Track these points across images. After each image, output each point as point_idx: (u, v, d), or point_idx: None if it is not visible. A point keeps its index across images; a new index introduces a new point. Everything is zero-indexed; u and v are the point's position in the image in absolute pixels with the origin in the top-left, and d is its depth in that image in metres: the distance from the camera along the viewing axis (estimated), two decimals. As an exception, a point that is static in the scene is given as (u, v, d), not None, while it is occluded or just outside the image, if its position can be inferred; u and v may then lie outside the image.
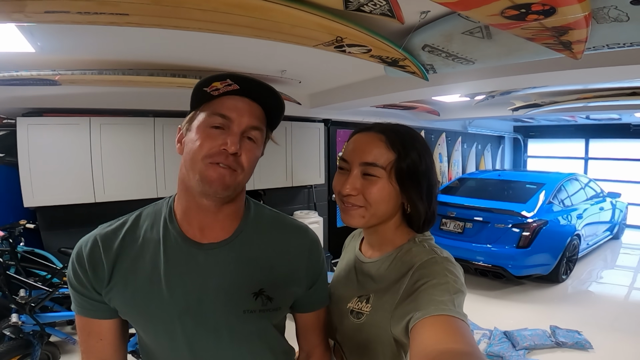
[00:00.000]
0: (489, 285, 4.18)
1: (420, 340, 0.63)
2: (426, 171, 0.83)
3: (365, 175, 0.82)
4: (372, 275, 0.86)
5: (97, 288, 0.77)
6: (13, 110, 3.13)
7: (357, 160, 0.82)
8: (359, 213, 0.83)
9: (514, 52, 2.07)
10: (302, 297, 0.87)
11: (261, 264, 0.82)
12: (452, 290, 0.70)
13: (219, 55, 2.40)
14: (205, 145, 0.72)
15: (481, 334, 3.03)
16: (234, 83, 0.72)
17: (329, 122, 4.70)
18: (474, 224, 4.19)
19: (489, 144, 8.47)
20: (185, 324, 0.76)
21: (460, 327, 0.63)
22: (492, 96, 3.85)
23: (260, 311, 0.79)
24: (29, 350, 2.21)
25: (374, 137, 0.83)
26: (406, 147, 0.82)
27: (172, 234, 0.79)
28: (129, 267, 0.77)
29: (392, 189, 0.82)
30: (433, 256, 0.78)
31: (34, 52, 2.11)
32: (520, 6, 1.33)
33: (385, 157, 0.81)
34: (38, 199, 3.04)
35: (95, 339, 0.80)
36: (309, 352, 0.95)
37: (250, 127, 0.75)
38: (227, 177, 0.73)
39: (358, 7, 1.40)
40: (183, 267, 0.77)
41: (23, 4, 1.22)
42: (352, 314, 0.83)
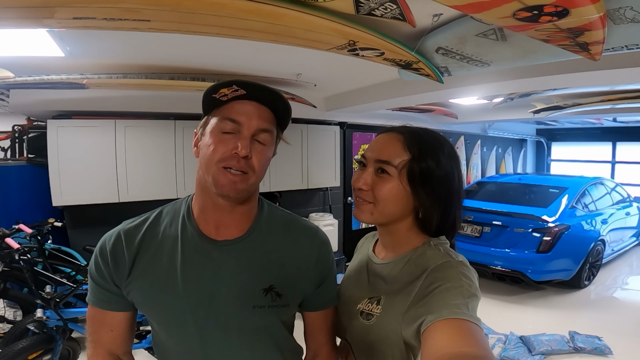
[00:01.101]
0: (507, 290, 4.11)
1: (432, 343, 0.63)
2: (444, 177, 0.82)
3: (379, 172, 0.83)
4: (384, 277, 0.85)
5: (116, 281, 0.82)
6: (43, 113, 3.30)
7: (374, 157, 0.85)
8: (367, 208, 0.84)
9: (530, 53, 2.05)
10: (310, 295, 0.90)
11: (272, 261, 0.85)
12: (466, 295, 0.69)
13: (236, 59, 2.47)
14: (218, 150, 0.76)
15: (496, 338, 2.98)
16: (240, 89, 0.76)
17: (345, 125, 4.72)
18: (492, 228, 4.12)
19: (510, 147, 8.30)
20: (197, 317, 0.80)
21: (474, 330, 0.63)
22: (511, 98, 3.80)
23: (269, 307, 0.83)
24: (51, 345, 2.26)
25: (393, 137, 0.85)
26: (423, 150, 0.82)
27: (190, 230, 0.84)
28: (148, 261, 0.82)
29: (402, 190, 0.82)
30: (448, 260, 0.77)
31: (64, 56, 2.23)
32: (532, 8, 1.33)
33: (399, 156, 0.82)
34: (66, 199, 3.18)
35: (106, 330, 0.85)
36: (316, 351, 0.96)
37: (260, 129, 0.78)
38: (238, 183, 0.77)
39: (369, 11, 1.43)
40: (198, 262, 0.81)
41: (53, 10, 1.30)
42: (362, 315, 0.83)
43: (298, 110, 3.93)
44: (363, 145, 5.09)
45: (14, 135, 3.84)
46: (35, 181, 3.37)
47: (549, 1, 1.27)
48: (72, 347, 2.45)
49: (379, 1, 1.34)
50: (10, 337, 2.35)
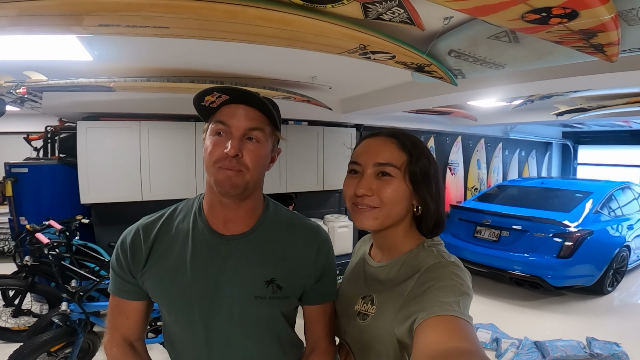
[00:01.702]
0: (525, 295, 4.03)
1: (423, 339, 0.64)
2: (435, 174, 0.87)
3: (380, 175, 0.84)
4: (381, 280, 0.87)
5: (133, 272, 0.90)
6: (74, 115, 3.47)
7: (371, 161, 0.85)
8: (372, 214, 0.84)
9: (545, 55, 2.03)
10: (310, 289, 0.95)
11: (274, 256, 0.91)
12: (457, 293, 0.70)
13: (252, 62, 2.54)
14: (213, 152, 0.83)
15: (509, 343, 2.93)
16: (222, 94, 0.82)
17: (361, 127, 4.74)
18: (511, 232, 4.05)
19: (534, 150, 8.10)
20: (203, 306, 0.86)
21: (464, 327, 0.64)
22: (531, 100, 3.73)
23: (270, 298, 0.88)
24: (73, 337, 2.34)
25: (385, 140, 0.87)
26: (416, 150, 0.85)
27: (200, 225, 0.91)
28: (161, 253, 0.89)
29: (406, 189, 0.84)
30: (440, 260, 0.79)
31: (92, 60, 2.36)
32: (541, 10, 1.33)
33: (399, 157, 0.84)
34: (93, 196, 3.35)
35: (123, 317, 0.93)
36: (314, 344, 0.99)
37: (249, 128, 0.83)
38: (233, 178, 0.82)
39: (377, 16, 1.46)
40: (206, 255, 0.88)
41: (81, 18, 1.40)
42: (359, 316, 0.85)
43: (314, 112, 3.99)
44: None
45: (47, 136, 4.03)
46: (66, 180, 3.52)
47: (556, 3, 1.27)
48: (92, 341, 2.53)
49: (386, 6, 1.37)
50: (35, 329, 2.44)
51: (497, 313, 3.61)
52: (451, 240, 4.51)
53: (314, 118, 4.16)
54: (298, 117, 4.09)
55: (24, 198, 3.53)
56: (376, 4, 1.36)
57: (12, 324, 2.96)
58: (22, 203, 3.54)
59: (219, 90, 0.81)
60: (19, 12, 1.29)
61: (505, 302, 3.91)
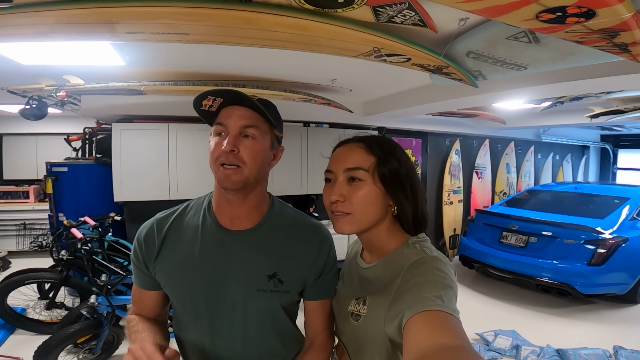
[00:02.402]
0: (552, 303, 3.90)
1: (410, 336, 0.65)
2: (407, 174, 0.88)
3: (351, 180, 0.87)
4: (371, 280, 0.89)
5: (147, 264, 0.97)
6: (109, 117, 3.68)
7: (341, 167, 0.88)
8: (347, 220, 0.87)
9: (568, 55, 1.97)
10: (310, 285, 0.99)
11: (277, 252, 0.96)
12: (440, 287, 0.71)
13: (273, 66, 2.61)
14: (214, 151, 0.89)
15: (530, 350, 2.84)
16: (217, 97, 0.88)
17: (384, 129, 4.71)
18: (540, 238, 3.91)
19: (570, 154, 7.75)
20: (208, 296, 0.92)
21: (450, 321, 0.65)
22: (561, 102, 3.59)
23: (271, 291, 0.93)
24: (99, 330, 2.46)
25: (353, 146, 0.90)
26: (385, 152, 0.87)
27: (209, 221, 0.97)
28: (172, 246, 0.96)
29: (377, 191, 0.86)
30: (422, 256, 0.81)
31: (124, 65, 2.51)
32: (555, 9, 1.31)
33: (367, 160, 0.86)
34: (125, 195, 3.54)
35: (141, 304, 1.03)
36: (313, 338, 1.03)
37: (243, 126, 0.89)
38: (231, 174, 0.87)
39: (389, 19, 1.48)
40: (213, 249, 0.94)
41: (111, 26, 1.51)
42: (352, 317, 0.87)
43: (335, 115, 4.01)
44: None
45: (85, 137, 4.27)
46: (101, 179, 3.72)
47: (571, 2, 1.25)
48: (117, 333, 2.63)
49: (396, 9, 1.39)
50: (66, 322, 2.53)
51: (519, 320, 3.51)
52: (475, 245, 4.41)
53: (335, 120, 4.19)
54: (319, 119, 4.13)
55: (62, 195, 3.75)
56: (386, 7, 1.38)
57: (45, 316, 3.10)
58: (61, 200, 3.76)
59: (212, 93, 0.87)
60: (56, 19, 1.40)
61: (529, 309, 3.80)
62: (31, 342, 2.57)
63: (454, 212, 5.64)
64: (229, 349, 0.94)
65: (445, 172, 5.47)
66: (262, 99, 0.94)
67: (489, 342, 3.00)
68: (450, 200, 5.55)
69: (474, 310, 3.77)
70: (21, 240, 5.26)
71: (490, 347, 2.94)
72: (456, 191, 5.65)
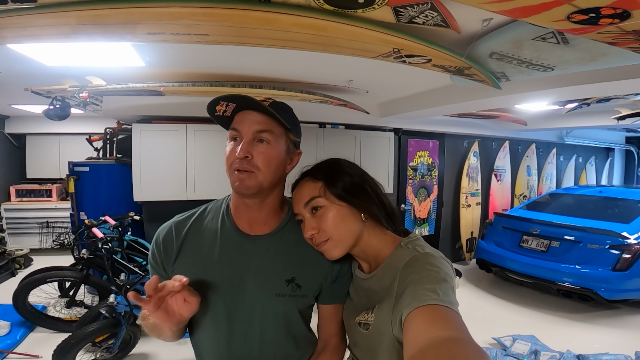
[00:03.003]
0: (572, 308, 3.80)
1: (408, 333, 0.65)
2: (362, 181, 0.93)
3: (314, 211, 0.90)
4: (374, 289, 0.90)
5: (165, 266, 0.96)
6: (130, 117, 3.74)
7: (301, 205, 0.92)
8: (330, 245, 0.90)
9: (599, 57, 1.90)
10: (325, 289, 0.99)
11: (295, 256, 0.96)
12: (433, 281, 0.72)
13: (290, 67, 2.60)
14: (229, 156, 0.89)
15: (549, 355, 2.76)
16: (229, 102, 0.88)
17: (400, 131, 4.65)
18: (562, 242, 3.80)
19: (593, 156, 7.51)
20: (227, 299, 0.92)
21: (447, 314, 0.65)
22: (587, 104, 3.47)
23: (289, 296, 0.93)
24: (117, 329, 2.49)
25: (301, 183, 0.95)
26: (328, 172, 0.92)
27: (227, 225, 0.97)
28: (191, 249, 0.95)
29: (340, 209, 0.89)
30: (414, 254, 0.83)
31: (144, 66, 2.54)
32: (588, 10, 1.25)
33: (315, 187, 0.91)
34: (145, 195, 3.58)
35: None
36: (326, 341, 1.04)
37: (257, 131, 0.88)
38: (245, 180, 0.87)
39: (410, 20, 1.45)
40: (232, 253, 0.94)
41: (132, 27, 1.53)
42: (361, 326, 0.88)
43: (351, 116, 3.98)
44: (419, 152, 4.97)
45: (106, 137, 4.35)
46: (122, 178, 3.77)
47: (606, 3, 1.19)
48: (134, 333, 2.67)
49: (418, 9, 1.36)
50: (85, 320, 2.57)
51: (539, 325, 3.43)
52: (494, 249, 4.33)
53: (351, 122, 4.17)
54: (335, 120, 4.11)
55: (84, 194, 3.83)
56: (408, 8, 1.34)
57: (64, 314, 3.16)
58: (82, 199, 3.83)
59: (225, 99, 0.87)
60: (79, 20, 1.42)
61: (549, 314, 3.71)
62: (50, 341, 2.62)
63: (472, 215, 5.53)
64: (245, 352, 0.94)
65: (463, 174, 5.37)
66: (277, 102, 0.94)
67: (506, 347, 2.94)
68: (467, 202, 5.45)
69: (491, 314, 3.70)
70: (44, 238, 5.41)
71: (508, 352, 2.88)
72: (474, 194, 5.54)
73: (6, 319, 2.99)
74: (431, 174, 5.12)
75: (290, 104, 1.01)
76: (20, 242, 5.21)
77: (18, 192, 5.42)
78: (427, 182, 5.09)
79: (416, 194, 4.97)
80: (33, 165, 5.79)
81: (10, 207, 5.29)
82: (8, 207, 5.28)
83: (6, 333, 2.89)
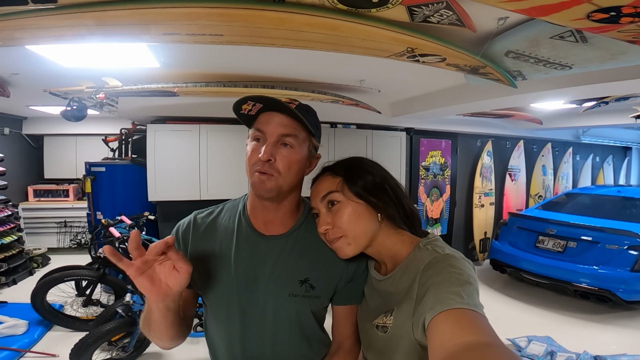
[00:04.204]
0: (589, 308, 3.73)
1: (434, 338, 0.63)
2: (382, 180, 0.91)
3: (330, 206, 0.90)
4: (391, 291, 0.88)
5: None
6: (145, 118, 3.79)
7: (317, 199, 0.92)
8: (343, 243, 0.89)
9: (619, 55, 1.86)
10: (340, 290, 0.98)
11: (309, 257, 0.95)
12: (457, 284, 0.70)
13: (302, 67, 2.61)
14: (251, 157, 0.89)
15: (565, 356, 2.71)
16: (256, 102, 0.87)
17: (412, 130, 4.61)
18: (579, 243, 3.73)
19: (611, 155, 7.36)
20: (241, 298, 0.92)
21: (474, 317, 0.63)
22: (605, 102, 3.40)
23: (303, 296, 0.93)
24: (132, 328, 2.51)
25: (321, 177, 0.95)
26: (349, 169, 0.91)
27: (244, 224, 0.97)
28: (208, 247, 0.96)
29: (357, 207, 0.88)
30: (435, 256, 0.80)
31: (159, 66, 2.57)
32: (609, 9, 1.22)
33: (334, 182, 0.90)
34: (159, 194, 3.62)
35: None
36: (340, 342, 1.02)
37: (282, 134, 0.87)
38: (266, 182, 0.87)
39: (424, 19, 1.43)
40: (247, 252, 0.94)
41: (148, 27, 1.55)
42: (378, 329, 0.86)
43: (362, 115, 3.97)
44: (431, 151, 4.92)
45: (121, 138, 4.41)
46: (137, 178, 3.81)
47: (626, 2, 1.16)
48: None
49: (433, 8, 1.34)
50: (101, 319, 2.59)
51: (555, 326, 3.38)
52: (508, 250, 4.27)
53: (363, 121, 4.15)
54: (347, 120, 4.10)
55: (100, 194, 3.90)
56: (422, 7, 1.33)
57: (81, 313, 3.20)
58: (99, 199, 3.90)
59: (253, 99, 0.87)
60: (96, 21, 1.44)
61: (565, 315, 3.65)
62: (67, 339, 2.65)
63: (485, 215, 5.46)
64: (258, 352, 0.95)
65: (476, 174, 5.30)
66: (303, 105, 0.93)
67: (521, 348, 2.90)
68: (481, 202, 5.38)
69: (506, 315, 3.65)
70: (61, 237, 5.52)
71: (523, 352, 2.84)
72: (487, 193, 5.47)
73: (24, 318, 3.03)
74: (443, 173, 5.08)
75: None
76: (38, 242, 5.33)
77: (36, 192, 5.55)
78: (440, 181, 5.04)
79: (428, 194, 4.93)
80: (50, 165, 5.91)
81: (29, 207, 5.42)
82: (26, 207, 5.40)
83: (24, 332, 2.93)
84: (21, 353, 2.72)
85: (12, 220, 4.29)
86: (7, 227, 4.16)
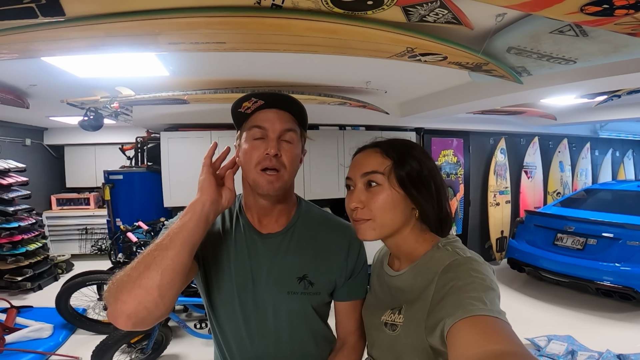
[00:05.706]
0: (612, 307, 3.63)
1: (456, 346, 0.60)
2: (430, 175, 0.85)
3: (369, 185, 0.84)
4: (402, 288, 0.85)
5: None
6: (158, 126, 3.90)
7: (358, 173, 0.85)
8: (368, 226, 0.83)
9: (621, 48, 1.84)
10: (341, 286, 0.99)
11: (307, 253, 0.96)
12: (479, 289, 0.66)
13: (307, 70, 2.66)
14: (254, 155, 0.88)
15: (587, 355, 2.65)
16: (259, 99, 0.88)
17: (422, 130, 4.59)
18: (599, 240, 3.63)
19: (631, 150, 7.14)
20: (242, 297, 0.94)
21: (498, 325, 0.60)
22: (618, 96, 3.32)
23: (302, 293, 0.93)
24: (150, 330, 2.55)
25: (370, 151, 0.88)
26: (402, 154, 0.84)
27: (242, 224, 0.98)
28: (208, 248, 0.97)
29: (396, 195, 0.82)
30: (455, 258, 0.76)
31: (168, 75, 2.65)
32: (602, 1, 1.23)
33: (382, 164, 0.83)
34: (174, 200, 3.72)
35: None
36: (344, 339, 1.02)
37: (284, 130, 0.90)
38: (274, 182, 0.88)
39: (421, 18, 1.46)
40: (246, 251, 0.95)
41: (156, 37, 1.62)
42: (387, 327, 0.83)
43: (371, 117, 3.98)
44: (444, 150, 4.89)
45: (137, 146, 4.54)
46: (153, 185, 3.92)
47: (618, -7, 1.17)
48: (166, 334, 2.76)
49: (428, 7, 1.37)
50: None
51: (576, 325, 3.30)
52: (526, 248, 4.19)
53: (371, 123, 4.16)
54: (355, 122, 4.11)
55: (119, 201, 4.02)
56: (417, 7, 1.36)
57: (103, 316, 3.26)
58: (118, 206, 4.03)
59: (256, 96, 0.89)
60: (106, 32, 1.52)
61: (587, 313, 3.56)
62: (90, 342, 2.71)
63: (501, 214, 5.38)
64: (261, 351, 0.95)
65: (490, 172, 5.23)
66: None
67: (540, 347, 2.84)
68: (496, 201, 5.30)
69: (525, 314, 3.58)
70: (83, 244, 5.71)
71: (542, 352, 2.78)
72: (503, 192, 5.39)
73: (50, 322, 3.14)
74: (456, 172, 5.03)
75: (309, 107, 1.00)
76: (62, 248, 5.52)
77: (59, 200, 5.76)
78: (453, 181, 5.00)
79: (442, 194, 4.90)
80: (72, 174, 6.12)
81: (52, 215, 5.62)
82: (50, 215, 5.61)
83: (49, 335, 3.03)
84: (47, 356, 2.81)
85: (36, 228, 4.45)
86: (32, 234, 4.32)
